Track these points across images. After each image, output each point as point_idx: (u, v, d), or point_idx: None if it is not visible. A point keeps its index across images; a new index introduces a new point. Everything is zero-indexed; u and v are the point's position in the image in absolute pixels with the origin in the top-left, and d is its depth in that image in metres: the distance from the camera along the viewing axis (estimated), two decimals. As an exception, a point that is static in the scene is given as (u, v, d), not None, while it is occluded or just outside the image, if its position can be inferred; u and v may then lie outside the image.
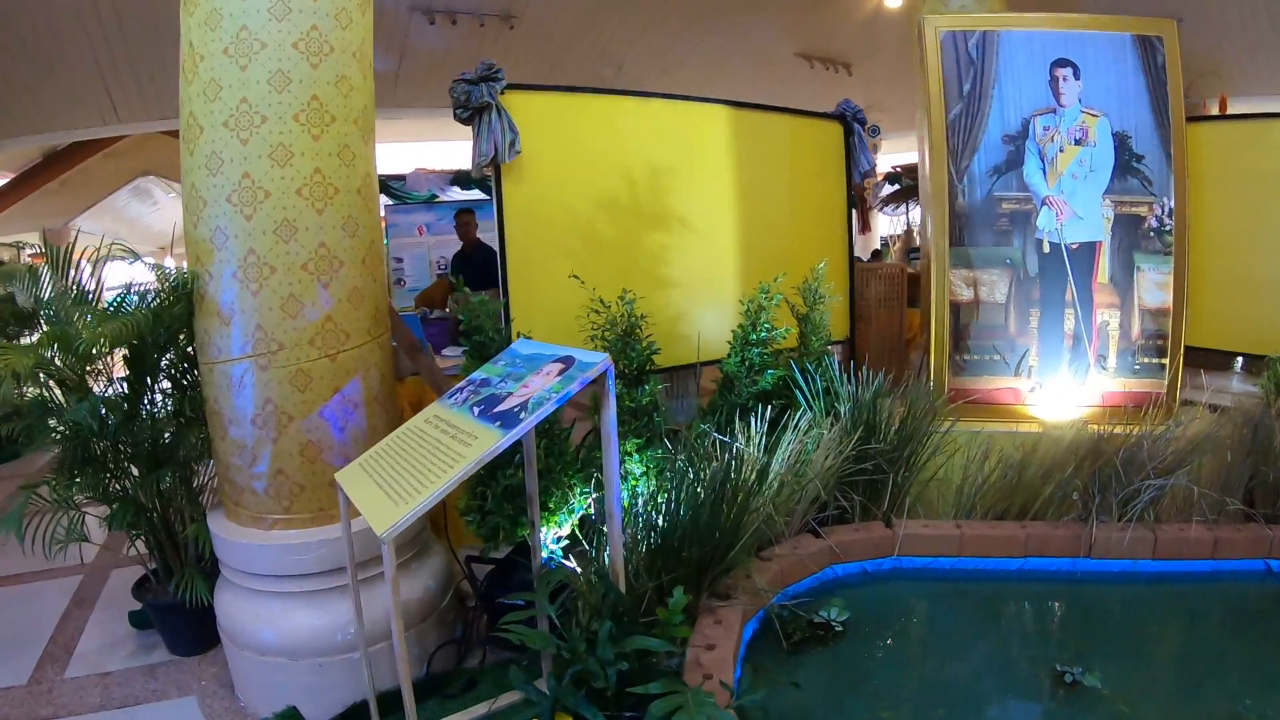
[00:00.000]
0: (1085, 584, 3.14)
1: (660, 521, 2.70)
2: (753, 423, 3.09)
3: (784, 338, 3.45)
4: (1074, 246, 3.64)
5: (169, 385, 3.07)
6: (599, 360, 2.18)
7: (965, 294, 3.77)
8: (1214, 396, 3.70)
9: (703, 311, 4.12)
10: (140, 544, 3.20)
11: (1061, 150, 3.63)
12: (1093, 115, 3.62)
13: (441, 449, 2.13)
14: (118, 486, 3.05)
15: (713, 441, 2.97)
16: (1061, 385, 3.70)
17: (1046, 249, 3.67)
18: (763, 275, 4.27)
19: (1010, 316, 3.71)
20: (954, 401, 3.58)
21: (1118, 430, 3.22)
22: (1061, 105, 3.64)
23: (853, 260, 4.72)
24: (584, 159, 3.77)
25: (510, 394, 2.26)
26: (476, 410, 2.26)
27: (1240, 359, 3.77)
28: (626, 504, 2.93)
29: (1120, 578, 3.11)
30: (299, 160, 2.55)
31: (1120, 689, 2.47)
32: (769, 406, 3.24)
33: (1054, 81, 3.65)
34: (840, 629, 2.77)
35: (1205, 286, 3.70)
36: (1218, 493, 3.09)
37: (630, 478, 3.17)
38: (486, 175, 3.50)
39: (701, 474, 2.78)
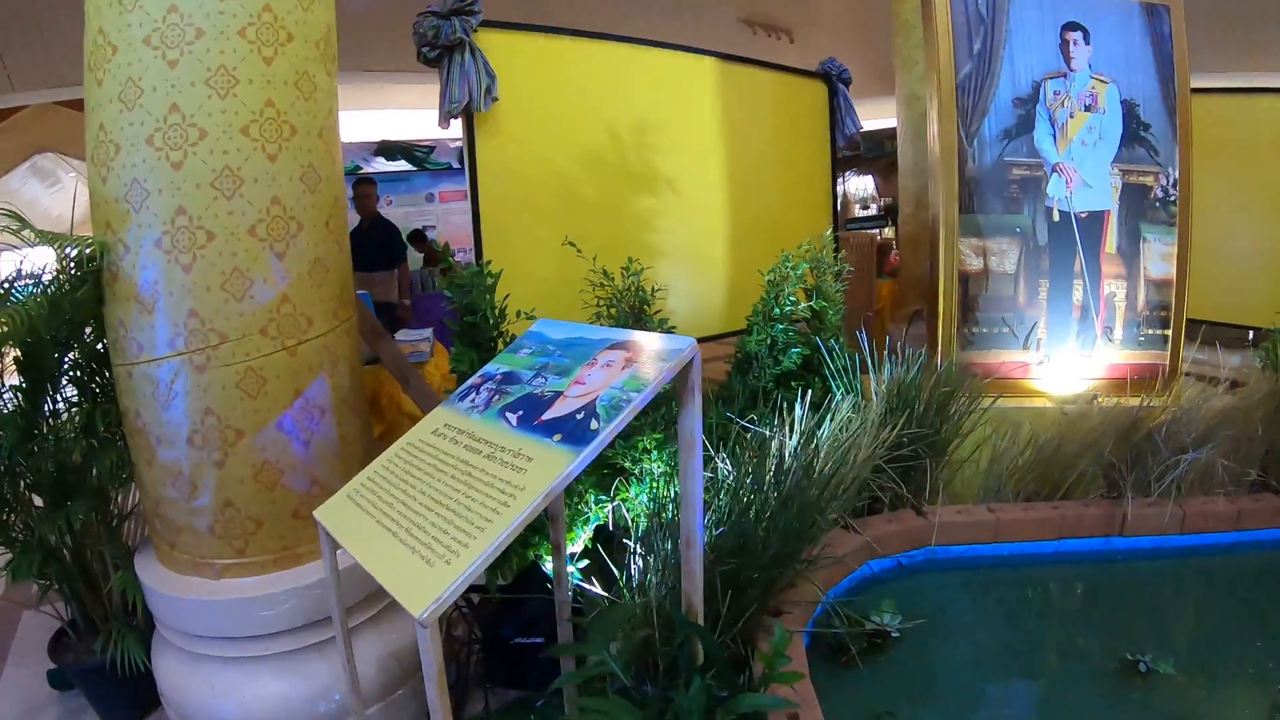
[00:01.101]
0: (1120, 563, 3.01)
1: (716, 532, 2.24)
2: (782, 408, 2.69)
3: (808, 313, 3.05)
4: (1083, 215, 3.45)
5: (76, 393, 2.29)
6: (683, 345, 1.69)
7: (974, 264, 3.51)
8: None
9: (692, 284, 3.68)
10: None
11: (1072, 116, 3.42)
12: (1102, 81, 3.41)
13: (478, 476, 1.58)
14: (18, 524, 2.25)
15: (750, 435, 2.54)
16: (1069, 358, 3.51)
17: (1056, 218, 3.46)
18: (752, 244, 3.94)
19: (1020, 287, 3.49)
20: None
21: (1142, 405, 3.05)
22: (1072, 70, 3.42)
23: (838, 228, 4.39)
24: (566, 110, 3.24)
25: (558, 393, 1.73)
26: (514, 418, 1.71)
27: (1252, 332, 3.70)
28: (649, 509, 2.47)
29: (1151, 554, 3.00)
30: (246, 89, 1.87)
31: (1192, 673, 2.37)
32: (794, 389, 2.85)
33: (1064, 45, 3.42)
34: (898, 635, 2.50)
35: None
36: (1238, 465, 2.96)
37: (649, 479, 2.69)
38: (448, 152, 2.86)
39: (751, 473, 2.34)
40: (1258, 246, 3.87)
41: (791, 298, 3.07)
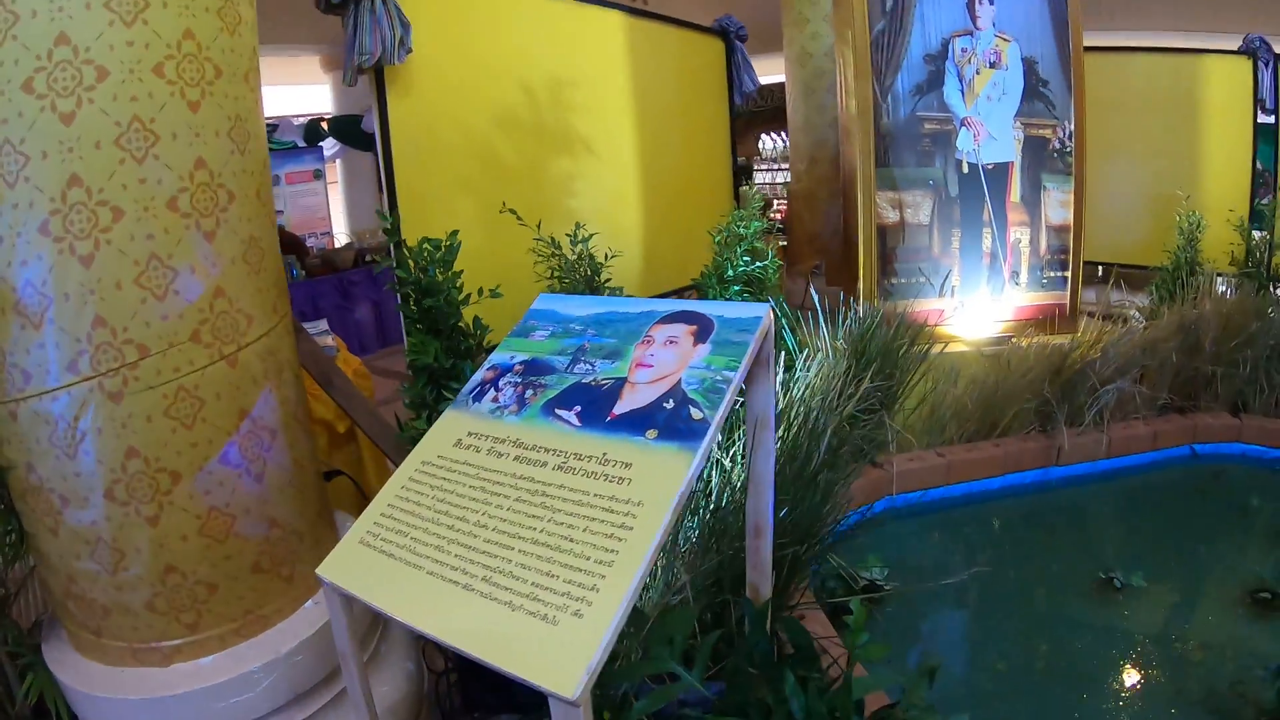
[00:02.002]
0: (1059, 490, 3.21)
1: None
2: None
3: (762, 272, 2.91)
4: (990, 167, 3.59)
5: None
6: (760, 312, 1.46)
7: (891, 216, 3.54)
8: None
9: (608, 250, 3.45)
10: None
11: (978, 72, 3.52)
12: (1005, 40, 3.54)
13: (560, 495, 1.27)
14: None
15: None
16: (981, 303, 3.65)
17: (965, 169, 3.58)
18: (662, 207, 3.74)
19: (934, 238, 3.59)
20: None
21: (1073, 342, 3.24)
22: (978, 28, 3.53)
23: (737, 186, 4.30)
24: (479, 66, 2.89)
25: (619, 380, 1.44)
26: (572, 416, 1.41)
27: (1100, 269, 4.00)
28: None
29: (1084, 479, 3.21)
30: (159, 15, 1.37)
31: (1160, 582, 2.55)
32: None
33: (971, 4, 3.53)
34: (888, 587, 2.52)
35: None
36: (1151, 391, 3.21)
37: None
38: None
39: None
40: (1139, 192, 4.23)
41: (745, 257, 2.92)
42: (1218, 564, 2.65)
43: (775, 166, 9.97)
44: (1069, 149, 3.60)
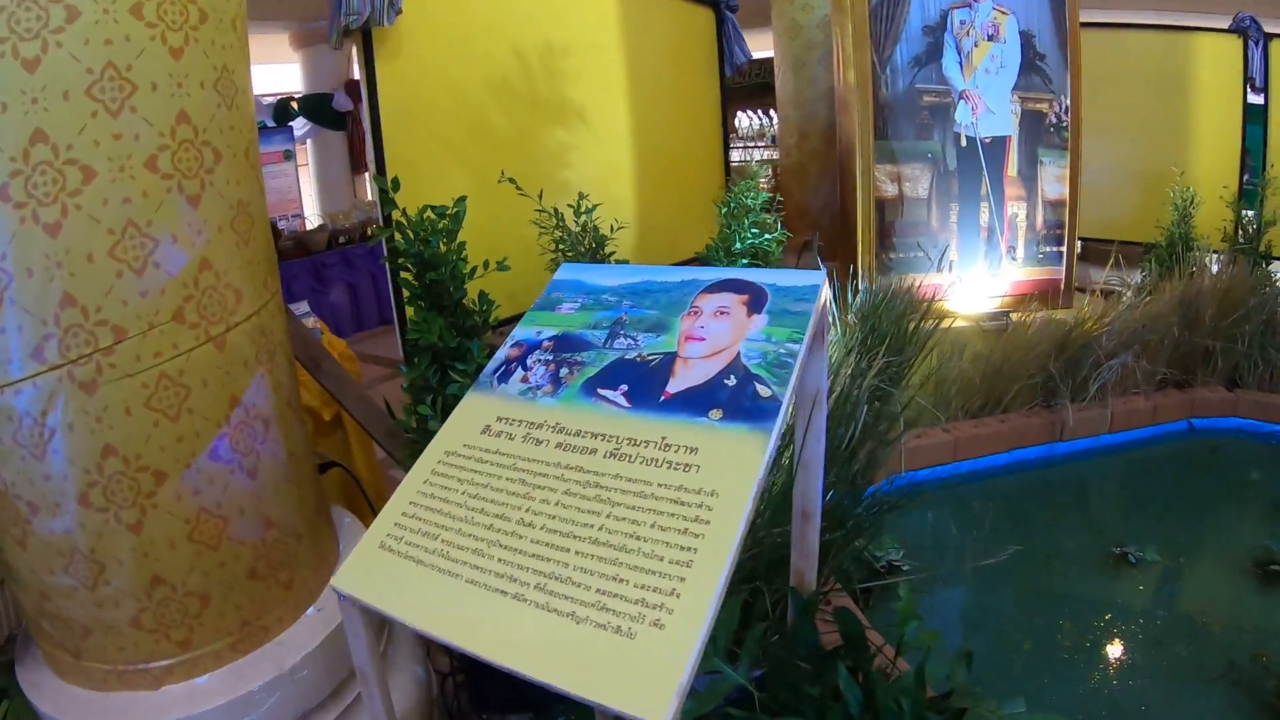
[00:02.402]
0: (1064, 465, 3.17)
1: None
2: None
3: (773, 244, 2.80)
4: (987, 141, 3.52)
5: None
6: (816, 280, 1.35)
7: (889, 190, 3.45)
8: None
9: (602, 223, 3.31)
10: None
11: (976, 45, 3.44)
12: (1003, 12, 3.46)
13: (618, 486, 1.13)
14: None
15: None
16: (978, 278, 3.59)
17: (964, 143, 3.50)
18: (654, 180, 3.62)
19: (932, 212, 3.53)
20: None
21: (1078, 316, 3.19)
22: (976, 1, 3.39)
23: (728, 161, 4.16)
24: (471, 29, 2.70)
25: (668, 355, 1.31)
26: (618, 395, 1.27)
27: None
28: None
29: (1088, 454, 3.17)
30: (124, -63, 1.17)
31: (1172, 556, 2.51)
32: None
33: None
34: (905, 568, 2.43)
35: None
36: (1150, 365, 3.18)
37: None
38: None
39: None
40: (1130, 169, 4.21)
41: (753, 229, 2.80)
42: (1225, 537, 2.63)
43: (752, 144, 9.82)
44: (1065, 123, 3.54)
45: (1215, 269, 3.29)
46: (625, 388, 1.27)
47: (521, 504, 1.14)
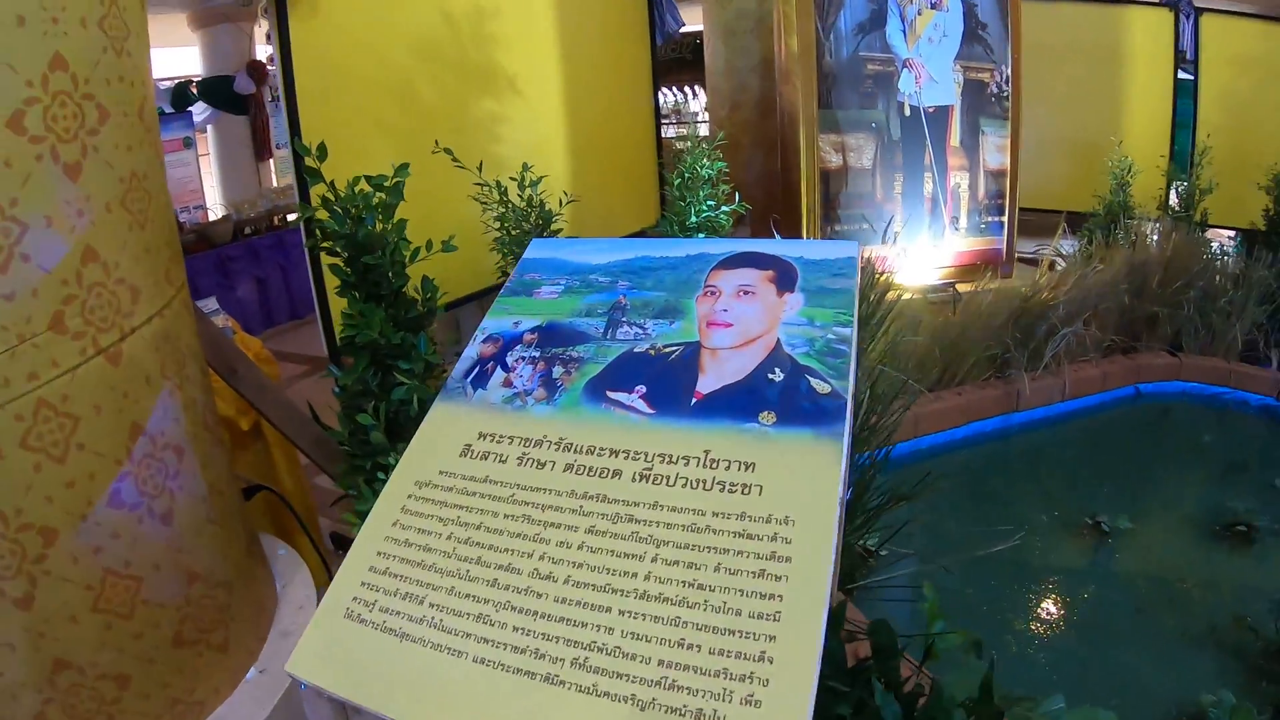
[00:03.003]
0: (1021, 435, 3.15)
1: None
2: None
3: (728, 219, 2.61)
4: (931, 110, 3.45)
5: None
6: (850, 251, 1.17)
7: (834, 160, 3.32)
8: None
9: (563, 195, 3.06)
10: None
11: (919, 13, 3.36)
12: (945, -20, 3.34)
13: (651, 517, 0.90)
14: None
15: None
16: (921, 248, 3.52)
17: (907, 112, 3.41)
18: (589, 152, 3.38)
19: (877, 182, 3.44)
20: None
21: (1033, 286, 3.15)
22: (919, -34, 3.30)
23: (660, 132, 3.93)
24: None
25: (689, 346, 1.09)
26: (635, 399, 1.04)
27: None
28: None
29: (1043, 423, 3.17)
30: None
31: (1143, 523, 2.51)
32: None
33: None
34: (884, 553, 2.31)
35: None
36: (1100, 333, 3.20)
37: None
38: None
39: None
40: (1065, 139, 4.23)
41: (709, 201, 2.60)
42: (1190, 501, 2.66)
43: (669, 121, 9.60)
44: (1006, 93, 3.50)
45: (1155, 237, 3.33)
46: (643, 389, 1.03)
47: (532, 549, 0.89)
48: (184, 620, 1.16)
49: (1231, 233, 4.01)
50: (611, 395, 1.04)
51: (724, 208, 2.66)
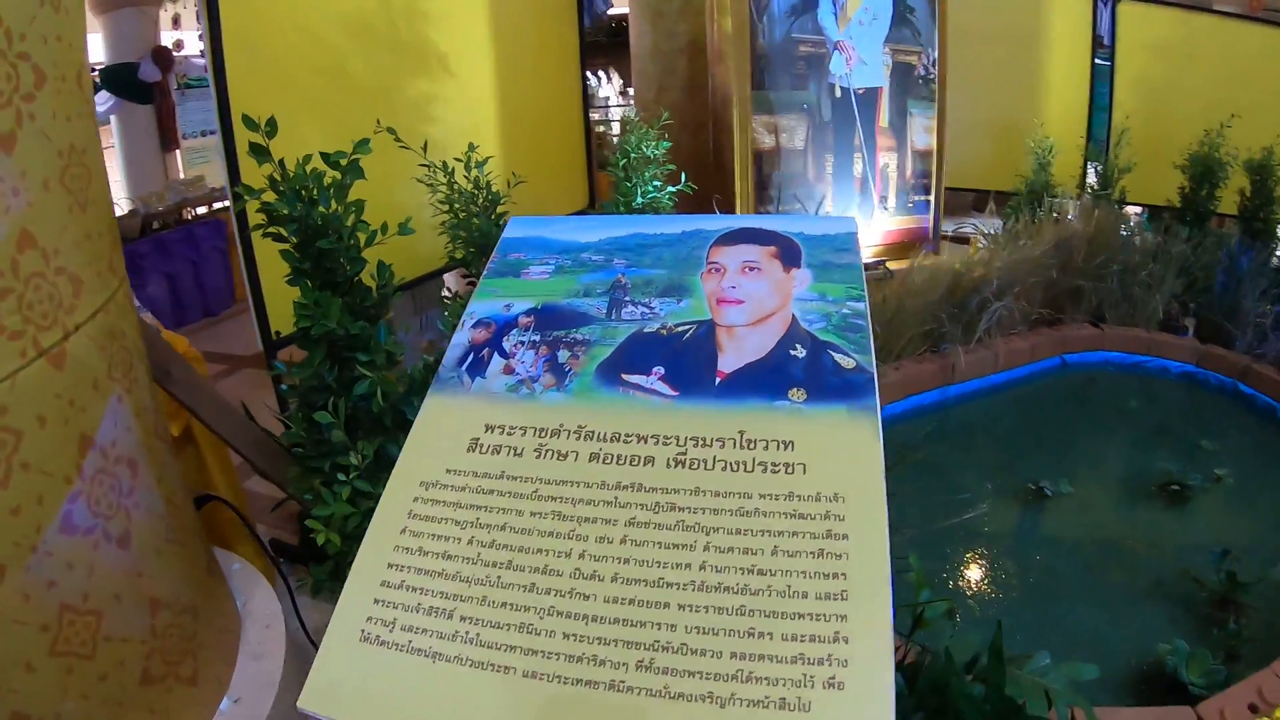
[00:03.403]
0: (957, 407, 3.26)
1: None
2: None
3: (672, 201, 2.60)
4: (860, 92, 3.52)
5: None
6: (848, 226, 1.16)
7: (767, 141, 3.37)
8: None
9: (511, 176, 2.98)
10: None
11: (850, -3, 3.37)
12: (875, -36, 3.42)
13: (694, 504, 0.86)
14: None
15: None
16: (856, 230, 3.60)
17: (838, 94, 3.47)
18: (520, 135, 3.32)
19: (809, 163, 3.51)
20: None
21: (967, 262, 3.28)
22: (850, -50, 3.36)
23: (588, 115, 3.89)
24: None
25: (702, 324, 1.06)
26: (655, 381, 1.00)
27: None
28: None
29: (976, 395, 3.29)
30: None
31: (1083, 486, 2.65)
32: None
33: None
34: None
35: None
36: (1029, 305, 3.35)
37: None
38: None
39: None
40: (987, 120, 4.40)
41: (655, 181, 2.57)
42: (1125, 464, 2.82)
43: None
44: (933, 75, 3.62)
45: (1075, 214, 3.52)
46: (661, 370, 0.98)
47: (570, 547, 0.82)
48: (150, 654, 1.04)
49: (1138, 209, 4.30)
50: (628, 378, 0.99)
51: (670, 188, 2.64)
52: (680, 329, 1.04)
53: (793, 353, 0.98)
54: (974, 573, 2.30)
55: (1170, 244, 3.41)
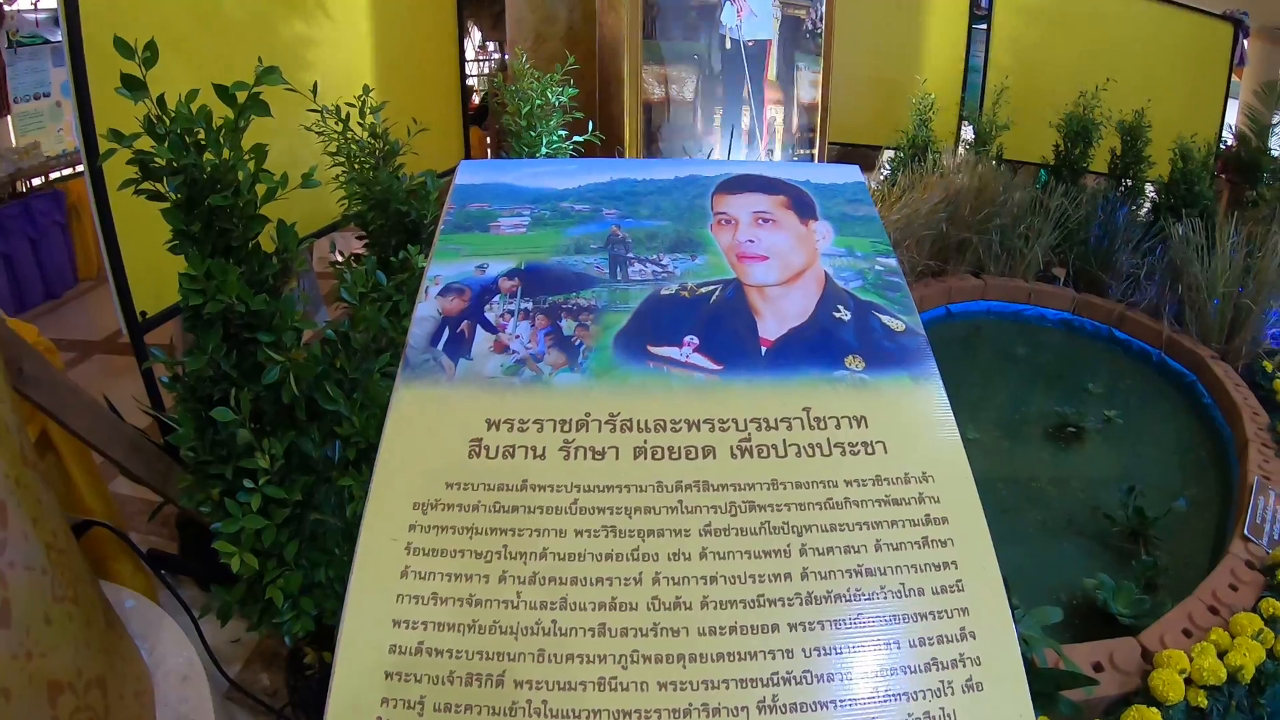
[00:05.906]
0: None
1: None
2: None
3: (568, 151, 2.52)
4: (750, 44, 3.53)
5: None
6: (854, 175, 1.12)
7: (656, 92, 3.33)
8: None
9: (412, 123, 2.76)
10: None
11: (742, -54, 3.33)
12: (765, -87, 3.39)
13: (772, 499, 0.79)
14: None
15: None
16: (742, 183, 3.65)
17: (728, 45, 3.46)
18: (398, 85, 3.17)
19: (698, 115, 3.51)
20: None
21: None
22: (740, -103, 3.31)
23: (464, 67, 3.70)
24: None
25: (728, 282, 1.00)
26: (692, 349, 0.92)
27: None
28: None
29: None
30: None
31: (986, 431, 2.88)
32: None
33: None
34: None
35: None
36: (919, 257, 3.54)
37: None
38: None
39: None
40: (866, 76, 4.53)
41: (561, 130, 2.45)
42: (1022, 409, 3.06)
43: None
44: (820, 30, 3.66)
45: (957, 169, 3.73)
46: (694, 340, 0.90)
47: (637, 571, 0.72)
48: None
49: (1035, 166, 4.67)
50: (656, 351, 0.88)
51: (576, 137, 2.52)
52: (704, 290, 0.95)
53: (836, 315, 0.92)
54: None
55: (1049, 199, 3.71)
